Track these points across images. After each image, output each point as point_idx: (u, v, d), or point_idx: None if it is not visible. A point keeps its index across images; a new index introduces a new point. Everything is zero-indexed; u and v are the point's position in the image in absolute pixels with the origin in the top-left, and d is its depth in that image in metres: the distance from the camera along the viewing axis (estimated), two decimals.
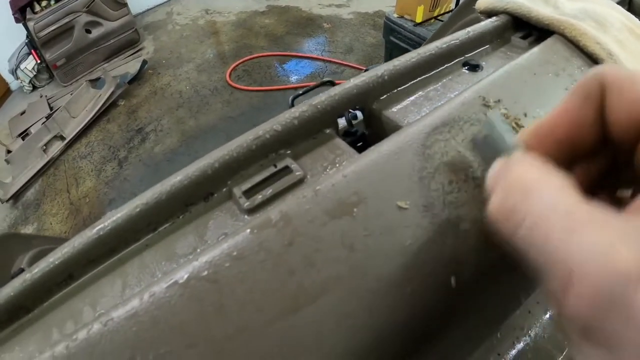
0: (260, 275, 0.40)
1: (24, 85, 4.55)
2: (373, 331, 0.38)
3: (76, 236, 0.53)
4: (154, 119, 4.01)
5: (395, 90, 0.63)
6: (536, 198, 0.25)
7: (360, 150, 0.52)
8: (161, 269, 0.51)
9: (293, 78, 4.36)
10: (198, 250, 0.50)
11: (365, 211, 0.42)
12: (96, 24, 4.37)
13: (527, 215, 0.25)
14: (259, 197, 0.50)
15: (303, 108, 0.56)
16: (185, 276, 0.42)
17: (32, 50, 4.37)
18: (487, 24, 0.76)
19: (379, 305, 0.38)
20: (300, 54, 4.46)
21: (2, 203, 3.48)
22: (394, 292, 0.39)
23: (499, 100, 0.55)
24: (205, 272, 0.42)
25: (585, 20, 0.75)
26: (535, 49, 0.67)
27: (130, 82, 4.25)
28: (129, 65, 4.47)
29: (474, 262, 0.43)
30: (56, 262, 0.52)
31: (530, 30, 0.77)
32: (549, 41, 0.70)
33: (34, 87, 4.60)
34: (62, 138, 3.74)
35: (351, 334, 0.38)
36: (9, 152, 3.71)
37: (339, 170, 0.47)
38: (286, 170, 0.54)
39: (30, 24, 4.06)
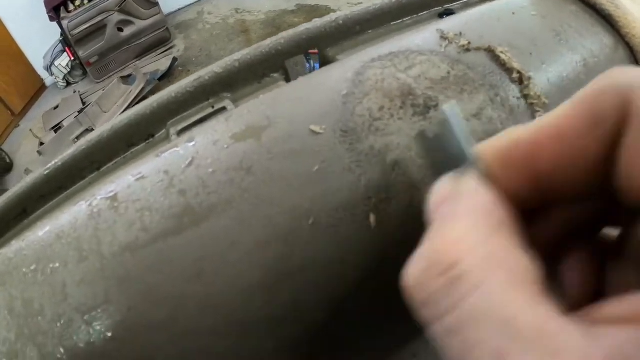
0: (153, 196, 0.36)
1: (58, 82, 4.76)
2: (260, 268, 0.33)
3: (29, 175, 0.56)
4: None
5: (354, 38, 0.58)
6: (472, 289, 0.16)
7: None
8: None
9: None
10: None
11: (273, 134, 0.37)
12: (128, 23, 4.51)
13: (453, 309, 0.16)
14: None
15: (245, 51, 0.53)
16: (94, 198, 0.40)
17: (66, 48, 4.57)
18: None
19: (271, 237, 0.33)
20: None
21: None
22: (291, 222, 0.34)
23: (460, 34, 0.49)
24: (111, 193, 0.39)
25: None
26: None
27: (161, 79, 4.36)
28: (159, 63, 4.58)
29: (404, 200, 0.37)
30: (12, 197, 0.54)
31: None
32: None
33: (68, 83, 4.80)
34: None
35: (233, 267, 0.33)
36: (41, 144, 3.86)
37: (262, 97, 0.43)
38: (223, 111, 0.50)
39: (64, 23, 4.25)
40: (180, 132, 0.48)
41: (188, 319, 0.32)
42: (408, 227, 0.36)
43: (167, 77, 4.35)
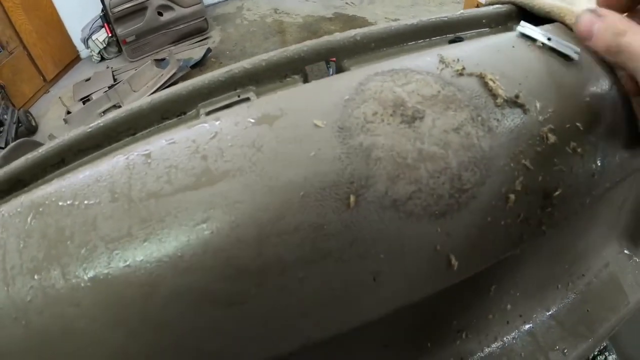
0: (180, 157, 0.46)
1: (92, 55, 4.98)
2: (256, 226, 0.42)
3: (71, 131, 0.66)
4: None
5: (368, 54, 0.67)
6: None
7: None
8: None
9: None
10: None
11: (283, 123, 0.47)
12: (168, 8, 4.70)
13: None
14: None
15: (273, 53, 0.63)
16: (130, 153, 0.50)
17: (105, 24, 4.78)
18: (488, 8, 0.78)
19: (269, 201, 0.43)
20: None
21: None
22: (285, 193, 0.43)
23: (457, 60, 0.58)
24: (146, 151, 0.49)
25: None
26: None
27: (193, 67, 4.53)
28: (194, 51, 4.76)
29: (381, 189, 0.45)
30: (53, 148, 0.65)
31: (536, 23, 0.79)
32: (547, 26, 0.72)
33: (102, 58, 5.02)
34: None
35: (234, 220, 0.42)
36: (68, 113, 4.04)
37: (280, 93, 0.52)
38: (247, 100, 0.60)
39: (107, 0, 4.42)
40: (209, 113, 0.57)
41: (191, 255, 0.42)
42: (380, 211, 0.45)
43: (199, 65, 4.51)
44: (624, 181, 0.91)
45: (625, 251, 1.19)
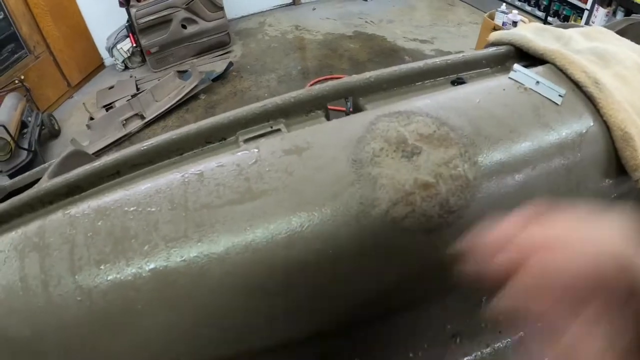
0: (228, 178, 0.61)
1: (117, 64, 5.21)
2: (286, 231, 0.56)
3: (128, 148, 0.81)
4: None
5: (381, 93, 0.81)
6: None
7: None
8: None
9: None
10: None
11: (309, 154, 0.61)
12: (192, 21, 4.92)
13: None
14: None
15: (300, 91, 0.77)
16: (186, 172, 0.65)
17: (130, 34, 5.01)
18: (488, 50, 0.91)
19: (296, 213, 0.57)
20: None
21: None
22: (309, 208, 0.57)
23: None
24: (199, 171, 0.64)
25: (584, 54, 0.85)
26: None
27: (215, 80, 4.71)
28: (215, 64, 4.95)
29: (383, 209, 0.59)
30: (110, 161, 0.80)
31: (533, 61, 0.91)
32: (539, 68, 0.85)
33: (126, 67, 5.25)
34: (142, 117, 4.22)
35: (269, 227, 0.56)
36: (91, 119, 4.24)
37: (307, 129, 0.66)
38: (278, 132, 0.74)
39: (133, 10, 4.69)
40: (247, 141, 0.71)
41: (235, 254, 0.56)
42: (382, 226, 0.59)
43: (220, 79, 4.68)
44: (613, 205, 1.03)
45: None
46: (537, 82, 0.83)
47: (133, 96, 4.31)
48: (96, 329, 0.66)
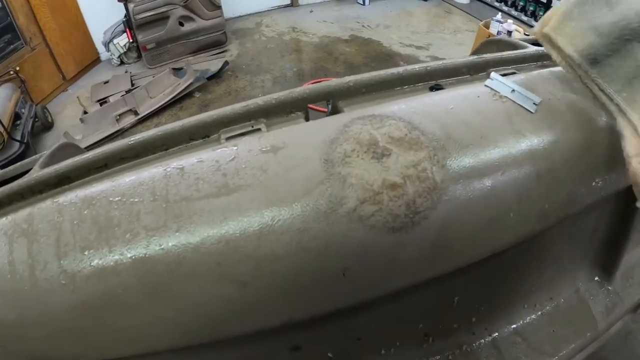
0: (206, 173, 0.64)
1: (112, 58, 5.23)
2: (259, 224, 0.60)
3: (116, 142, 0.85)
4: None
5: (359, 97, 0.85)
6: None
7: None
8: None
9: None
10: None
11: (284, 153, 0.65)
12: (189, 19, 4.95)
13: None
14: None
15: (281, 93, 0.81)
16: (167, 166, 0.68)
17: (127, 29, 5.04)
18: (469, 58, 0.95)
19: (267, 208, 0.61)
20: None
21: None
22: (280, 203, 0.61)
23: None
24: (180, 165, 0.68)
25: None
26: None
27: (209, 78, 4.74)
28: (211, 63, 4.97)
29: (351, 206, 0.63)
30: (98, 154, 0.83)
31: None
32: (517, 76, 0.88)
33: (122, 62, 5.27)
34: (136, 113, 4.18)
35: (243, 220, 0.60)
36: (85, 113, 4.26)
37: (284, 129, 0.70)
38: (258, 131, 0.78)
39: (130, 6, 4.72)
40: (228, 139, 0.75)
41: (210, 243, 0.59)
42: (349, 223, 0.62)
43: (215, 77, 4.69)
44: (587, 213, 1.07)
45: (596, 279, 1.32)
46: (513, 90, 0.87)
47: (128, 92, 4.33)
48: (79, 312, 0.69)
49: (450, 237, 0.73)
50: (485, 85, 0.87)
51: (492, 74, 0.89)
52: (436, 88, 0.91)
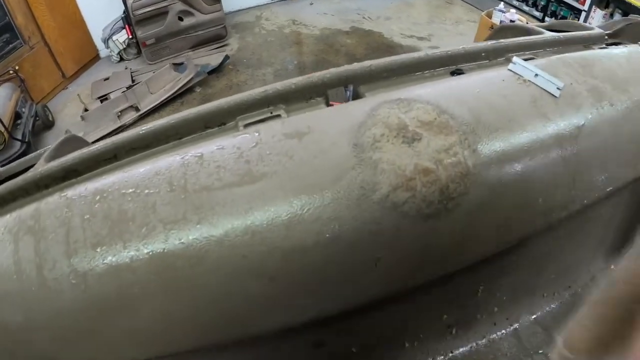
0: (228, 160, 0.60)
1: (112, 55, 5.17)
2: (286, 213, 0.56)
3: (125, 132, 0.80)
4: None
5: (381, 81, 0.81)
6: None
7: None
8: None
9: None
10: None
11: (310, 138, 0.61)
12: (189, 14, 4.89)
13: None
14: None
15: (300, 78, 0.76)
16: (185, 154, 0.64)
17: (126, 26, 4.98)
18: (487, 43, 0.92)
19: (296, 197, 0.57)
20: None
21: None
22: (309, 191, 0.57)
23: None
24: (199, 153, 0.64)
25: None
26: None
27: (210, 72, 4.68)
28: (211, 57, 4.92)
29: (384, 193, 0.59)
30: (108, 145, 0.79)
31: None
32: (539, 60, 0.85)
33: (121, 59, 5.21)
34: (137, 109, 4.13)
35: (269, 210, 0.56)
36: (86, 110, 4.21)
37: (307, 114, 0.66)
38: (278, 117, 0.74)
39: (129, 2, 4.66)
40: (246, 126, 0.71)
41: (235, 235, 0.55)
42: (382, 210, 0.59)
43: (216, 72, 4.65)
44: (607, 200, 1.04)
45: (612, 267, 1.30)
46: (536, 74, 0.84)
47: (128, 88, 4.28)
48: (91, 313, 0.66)
49: (482, 224, 0.70)
50: (509, 70, 0.83)
51: (515, 59, 0.86)
52: (457, 72, 0.88)
